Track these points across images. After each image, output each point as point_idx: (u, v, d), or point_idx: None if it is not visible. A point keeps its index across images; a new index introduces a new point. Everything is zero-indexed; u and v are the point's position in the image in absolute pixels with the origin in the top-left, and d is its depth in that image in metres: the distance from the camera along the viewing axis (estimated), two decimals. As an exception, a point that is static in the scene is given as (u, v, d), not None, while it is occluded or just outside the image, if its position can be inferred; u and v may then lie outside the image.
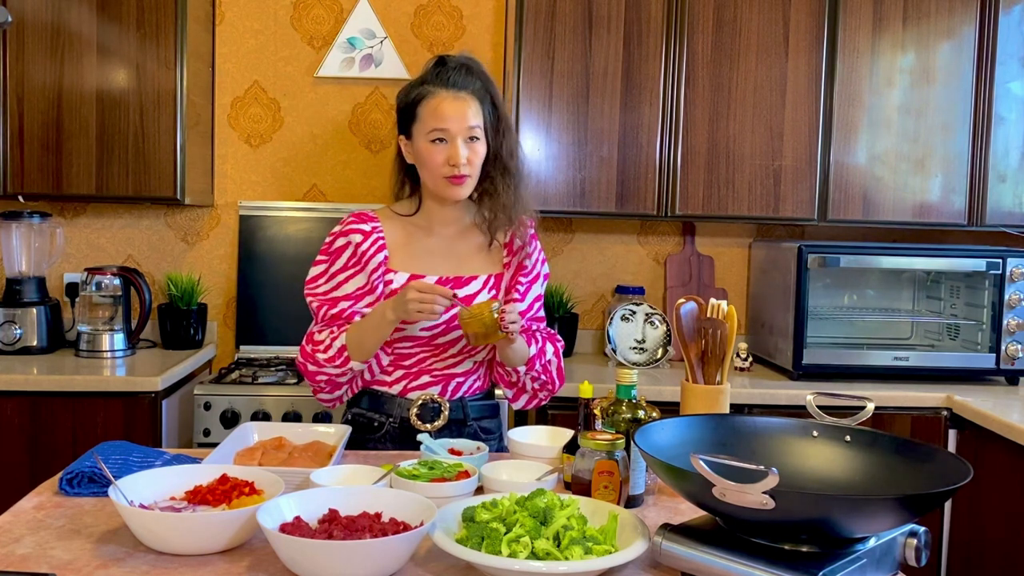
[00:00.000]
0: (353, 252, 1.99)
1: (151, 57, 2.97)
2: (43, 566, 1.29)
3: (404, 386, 2.02)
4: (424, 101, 1.95)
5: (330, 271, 2.01)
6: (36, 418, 2.72)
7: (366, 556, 1.23)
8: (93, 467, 1.62)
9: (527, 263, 2.06)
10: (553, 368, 2.05)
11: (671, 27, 3.10)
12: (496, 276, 2.05)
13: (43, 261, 3.20)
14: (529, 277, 2.06)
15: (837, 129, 3.15)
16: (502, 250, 2.07)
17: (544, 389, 2.07)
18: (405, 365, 2.01)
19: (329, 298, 2.00)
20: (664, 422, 1.47)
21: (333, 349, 1.94)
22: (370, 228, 2.00)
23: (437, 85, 1.95)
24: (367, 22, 3.37)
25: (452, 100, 1.93)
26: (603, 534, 1.33)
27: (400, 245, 2.02)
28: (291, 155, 3.41)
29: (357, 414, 2.05)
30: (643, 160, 3.12)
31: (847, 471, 1.42)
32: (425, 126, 1.94)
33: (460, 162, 1.92)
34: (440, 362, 2.02)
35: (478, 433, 2.04)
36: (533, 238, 2.09)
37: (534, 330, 2.06)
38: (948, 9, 3.15)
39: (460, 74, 1.96)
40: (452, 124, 1.92)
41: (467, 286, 2.00)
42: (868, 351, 3.13)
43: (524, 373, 2.02)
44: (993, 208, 3.20)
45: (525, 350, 1.98)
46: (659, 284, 3.53)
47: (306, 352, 1.98)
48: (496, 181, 2.02)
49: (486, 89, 2.00)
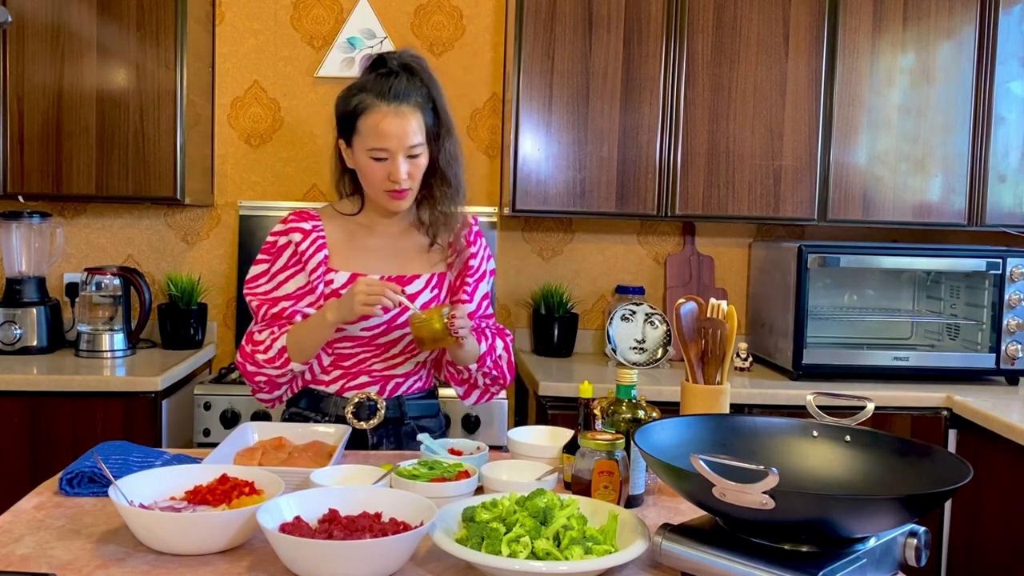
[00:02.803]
0: (294, 251, 1.98)
1: (151, 57, 2.97)
2: (43, 566, 1.29)
3: (342, 385, 2.01)
4: (364, 115, 1.90)
5: (271, 271, 2.00)
6: (36, 418, 2.72)
7: (366, 556, 1.22)
8: (93, 467, 1.62)
9: (472, 263, 2.05)
10: (504, 363, 2.05)
11: (671, 27, 3.10)
12: (439, 275, 2.04)
13: (43, 261, 3.20)
14: (476, 276, 2.05)
15: (837, 129, 3.15)
16: (445, 249, 2.06)
17: (495, 384, 2.07)
18: (344, 365, 2.01)
19: (270, 298, 1.99)
20: (664, 422, 1.47)
21: (273, 350, 1.92)
22: (310, 227, 1.99)
23: (378, 97, 1.89)
24: (367, 22, 3.37)
25: (393, 117, 1.88)
26: (603, 534, 1.33)
27: (342, 244, 2.01)
28: (291, 155, 3.41)
29: (295, 413, 2.05)
30: (643, 160, 3.12)
31: (847, 471, 1.42)
32: (365, 142, 1.90)
33: (401, 178, 1.90)
34: (381, 362, 2.01)
35: (415, 432, 2.02)
36: (478, 235, 2.09)
37: (484, 327, 2.06)
38: (948, 9, 3.15)
39: (402, 82, 1.90)
40: (392, 142, 1.88)
41: (410, 285, 1.99)
42: (868, 351, 3.13)
43: (476, 370, 2.02)
44: (993, 208, 3.21)
45: (476, 349, 1.97)
46: (659, 284, 3.53)
47: (245, 352, 1.97)
48: (434, 189, 2.01)
49: (429, 95, 1.94)
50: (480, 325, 2.06)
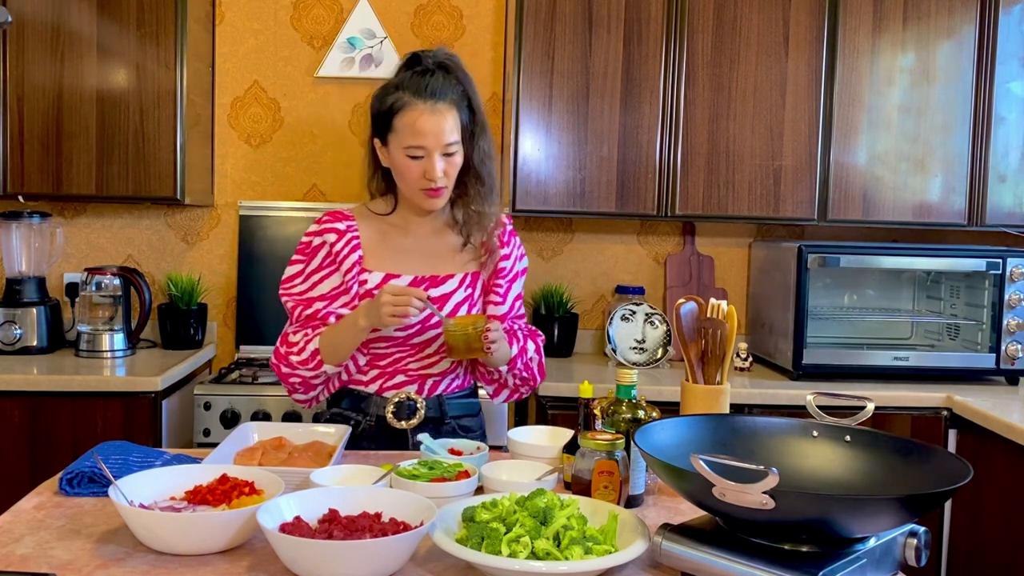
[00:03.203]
0: (328, 252, 1.98)
1: (151, 57, 2.97)
2: (43, 566, 1.29)
3: (380, 385, 2.01)
4: (400, 113, 1.90)
5: (306, 271, 2.00)
6: (36, 418, 2.72)
7: (366, 556, 1.23)
8: (93, 467, 1.62)
9: (505, 264, 2.05)
10: (535, 365, 2.06)
11: (671, 27, 3.10)
12: (472, 275, 2.04)
13: (43, 261, 3.20)
14: (508, 277, 2.05)
15: (837, 129, 3.15)
16: (478, 249, 2.05)
17: (526, 384, 2.08)
18: (380, 365, 2.01)
19: (304, 298, 1.99)
20: (664, 422, 1.47)
21: (306, 352, 1.93)
22: (345, 227, 1.99)
23: (414, 95, 1.89)
24: (367, 22, 3.37)
25: (430, 115, 1.88)
26: (603, 534, 1.33)
27: (375, 244, 2.01)
28: (291, 155, 3.41)
29: (336, 414, 2.05)
30: (643, 160, 3.12)
31: (847, 471, 1.42)
32: (401, 140, 1.90)
33: (437, 176, 1.90)
34: (416, 362, 2.01)
35: (456, 431, 2.02)
36: (512, 235, 2.09)
37: (515, 329, 2.06)
38: (948, 9, 3.15)
39: (438, 80, 1.91)
40: (429, 141, 1.88)
41: (443, 285, 1.99)
42: (868, 351, 3.13)
43: (507, 372, 2.02)
44: (993, 208, 3.21)
45: (507, 351, 1.97)
46: (659, 284, 3.53)
47: (280, 354, 1.97)
48: (468, 187, 2.01)
49: (464, 92, 1.95)
50: (512, 327, 2.05)
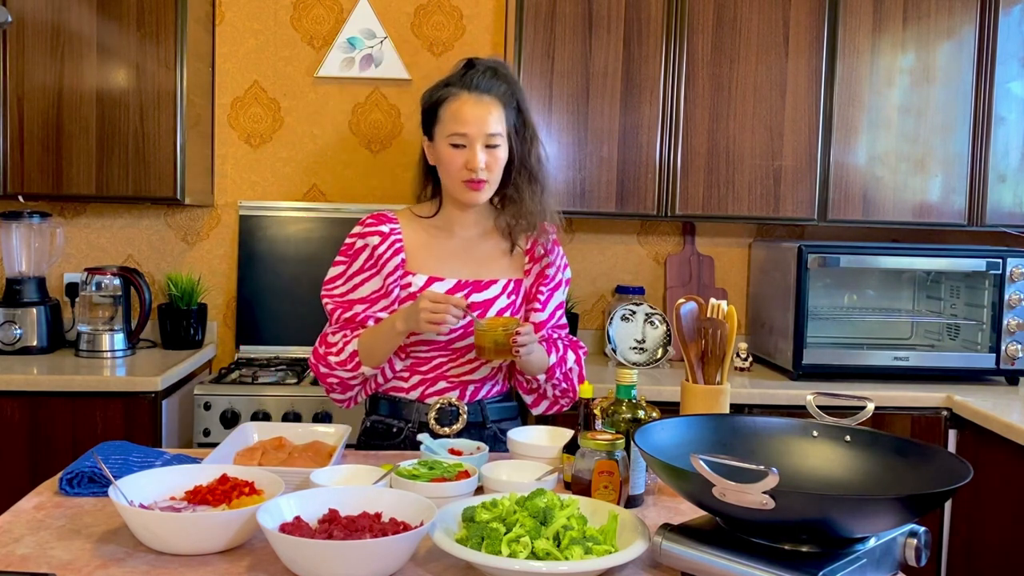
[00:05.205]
0: (370, 254, 1.98)
1: (151, 57, 2.97)
2: (43, 566, 1.29)
3: (422, 391, 2.01)
4: (446, 103, 1.94)
5: (347, 273, 2.00)
6: (36, 418, 2.72)
7: (366, 556, 1.23)
8: (93, 467, 1.62)
9: (549, 272, 2.05)
10: (574, 375, 2.05)
11: (671, 27, 3.10)
12: (516, 281, 2.03)
13: (43, 261, 3.20)
14: (550, 285, 2.05)
15: (837, 129, 3.15)
16: (523, 256, 2.05)
17: (565, 396, 2.07)
18: (422, 371, 2.01)
19: (345, 300, 1.99)
20: (664, 422, 1.47)
21: (345, 353, 1.94)
22: (388, 230, 2.00)
23: (460, 87, 1.94)
24: (367, 22, 3.36)
25: (474, 103, 1.92)
26: (603, 534, 1.33)
27: (419, 247, 2.01)
28: (291, 155, 3.41)
29: (376, 421, 2.05)
30: (643, 160, 3.12)
31: (847, 471, 1.42)
32: (445, 129, 1.93)
33: (478, 167, 1.91)
34: (457, 367, 2.01)
35: (498, 435, 2.02)
36: (556, 244, 2.08)
37: (555, 338, 2.05)
38: (948, 9, 3.15)
39: (485, 77, 1.95)
40: (472, 128, 1.91)
41: (486, 290, 1.99)
42: (868, 351, 3.13)
43: (544, 381, 2.01)
44: (993, 208, 3.20)
45: (544, 360, 1.96)
46: (659, 284, 3.53)
47: (319, 354, 1.98)
48: (521, 187, 2.01)
49: (512, 94, 1.98)
50: (552, 336, 2.05)
